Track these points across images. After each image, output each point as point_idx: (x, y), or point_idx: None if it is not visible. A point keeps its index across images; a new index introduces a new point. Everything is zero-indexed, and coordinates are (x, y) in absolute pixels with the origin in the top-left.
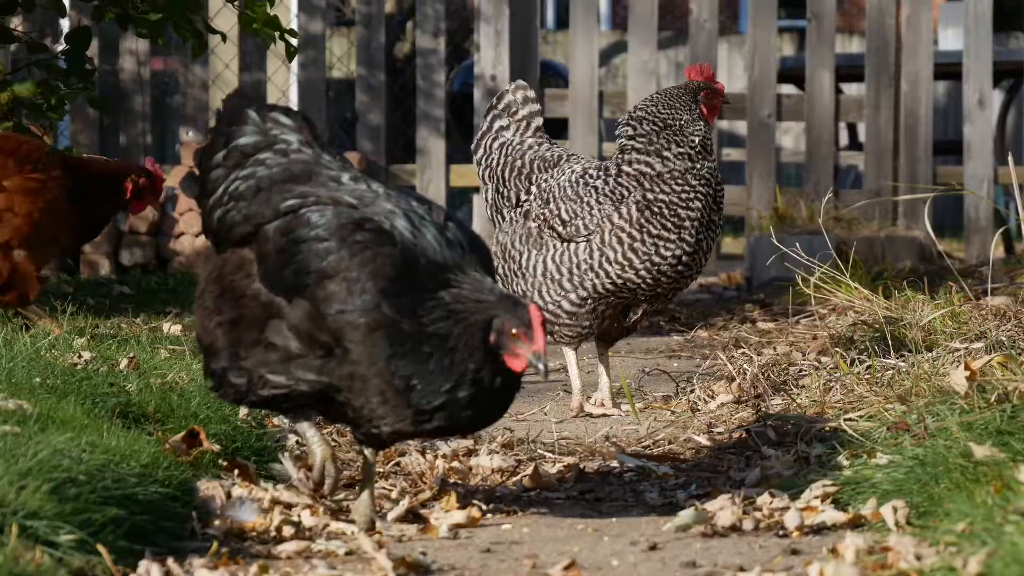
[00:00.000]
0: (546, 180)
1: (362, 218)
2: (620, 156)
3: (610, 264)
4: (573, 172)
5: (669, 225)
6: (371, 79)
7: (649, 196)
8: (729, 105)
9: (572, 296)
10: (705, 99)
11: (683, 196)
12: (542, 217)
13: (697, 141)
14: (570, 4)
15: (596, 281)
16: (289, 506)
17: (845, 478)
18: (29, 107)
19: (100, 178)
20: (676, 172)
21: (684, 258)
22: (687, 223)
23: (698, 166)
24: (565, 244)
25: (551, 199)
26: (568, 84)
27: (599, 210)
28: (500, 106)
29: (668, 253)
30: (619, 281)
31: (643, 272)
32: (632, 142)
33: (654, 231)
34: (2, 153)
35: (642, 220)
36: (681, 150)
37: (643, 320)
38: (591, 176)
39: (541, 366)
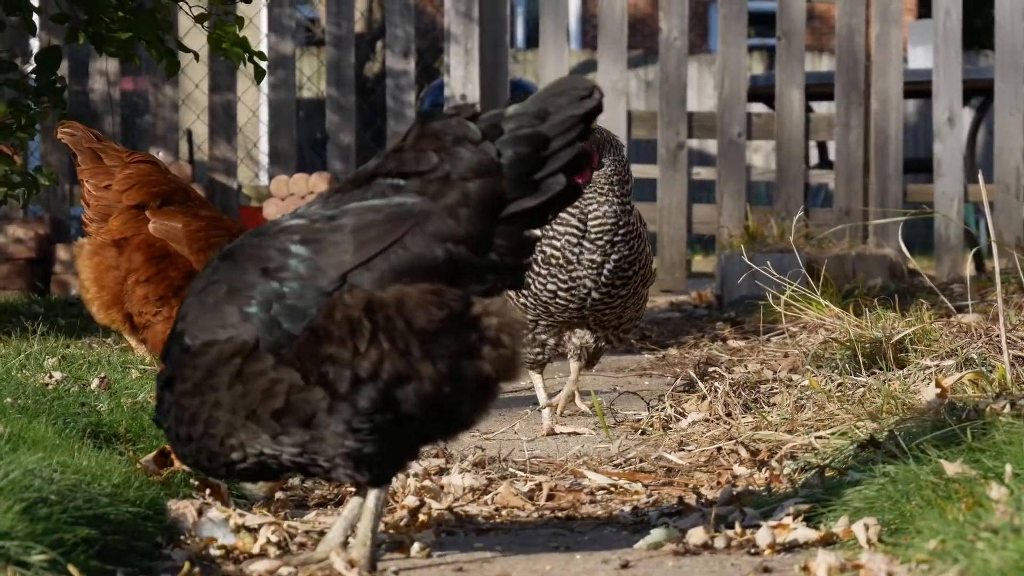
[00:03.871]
0: None
1: None
2: None
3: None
4: None
5: (538, 259)
6: (341, 99)
7: None
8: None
9: None
10: None
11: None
12: None
13: None
14: (540, 23)
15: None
16: (259, 526)
17: (816, 496)
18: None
19: None
20: None
21: (588, 281)
22: (556, 253)
23: None
24: None
25: None
26: None
27: None
28: None
29: (562, 286)
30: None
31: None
32: None
33: (535, 269)
34: None
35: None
36: None
37: (602, 344)
38: None
39: None
